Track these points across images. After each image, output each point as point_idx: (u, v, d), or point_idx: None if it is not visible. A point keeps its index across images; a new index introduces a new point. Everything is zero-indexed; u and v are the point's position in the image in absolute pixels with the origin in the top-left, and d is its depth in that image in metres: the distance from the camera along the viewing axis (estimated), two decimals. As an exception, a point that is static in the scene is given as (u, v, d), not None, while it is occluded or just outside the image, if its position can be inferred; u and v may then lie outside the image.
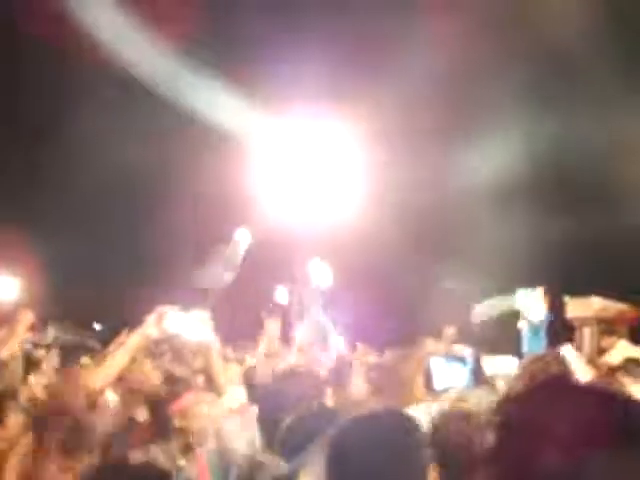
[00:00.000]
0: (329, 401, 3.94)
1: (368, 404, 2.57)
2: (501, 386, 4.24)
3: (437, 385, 2.70)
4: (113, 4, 11.78)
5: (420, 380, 2.63)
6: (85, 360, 6.19)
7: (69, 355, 6.63)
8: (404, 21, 11.81)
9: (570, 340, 7.55)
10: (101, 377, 3.90)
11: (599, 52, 10.97)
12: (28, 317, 4.93)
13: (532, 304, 10.14)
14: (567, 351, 5.02)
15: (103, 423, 3.87)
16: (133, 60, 11.98)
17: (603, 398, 1.39)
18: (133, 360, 3.95)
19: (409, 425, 2.17)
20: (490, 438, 1.56)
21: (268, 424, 3.76)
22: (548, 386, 1.49)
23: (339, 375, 4.83)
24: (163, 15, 11.68)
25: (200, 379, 4.48)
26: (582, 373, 4.79)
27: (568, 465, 1.28)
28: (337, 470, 2.08)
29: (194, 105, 12.15)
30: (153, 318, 3.95)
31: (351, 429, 2.16)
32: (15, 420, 4.13)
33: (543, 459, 1.30)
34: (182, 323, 4.00)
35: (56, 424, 3.33)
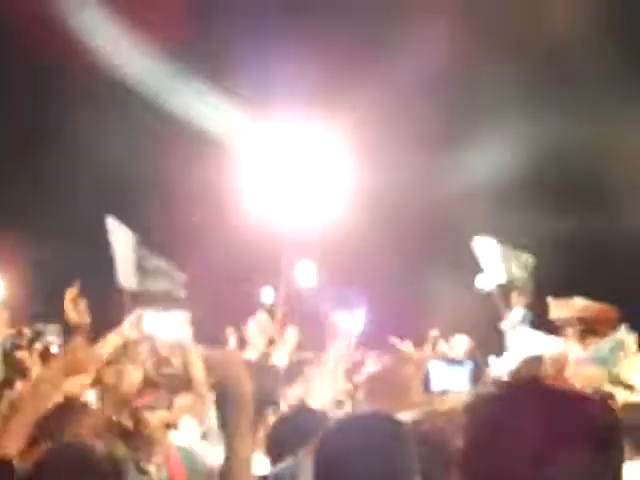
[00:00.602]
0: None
1: (363, 406, 2.57)
2: None
3: (435, 387, 2.70)
4: (102, 9, 11.77)
5: (418, 383, 2.62)
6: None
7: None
8: (395, 22, 11.82)
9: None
10: (78, 379, 3.89)
11: (598, 54, 11.00)
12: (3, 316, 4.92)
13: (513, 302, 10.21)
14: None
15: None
16: (121, 64, 11.97)
17: (576, 401, 1.38)
18: (110, 362, 3.94)
19: (398, 430, 2.16)
20: (461, 439, 1.56)
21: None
22: (520, 387, 1.48)
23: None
24: (150, 19, 11.66)
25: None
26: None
27: (537, 468, 1.27)
28: (325, 475, 2.08)
29: (182, 108, 12.15)
30: (130, 320, 3.95)
31: (339, 433, 2.15)
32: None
33: (513, 462, 1.30)
34: (159, 324, 4.00)
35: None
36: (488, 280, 9.80)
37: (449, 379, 2.76)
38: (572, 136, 11.26)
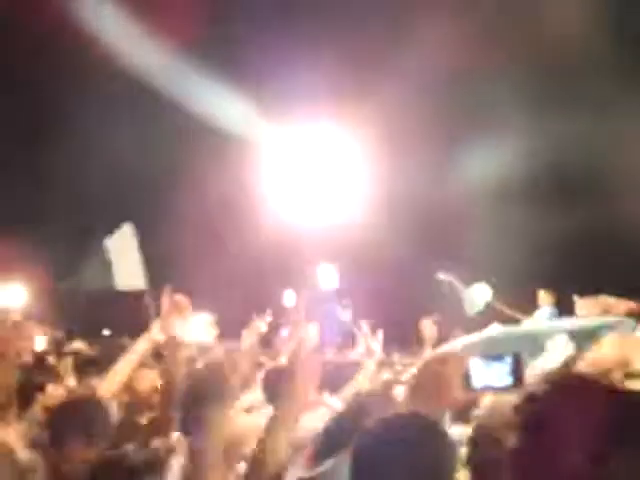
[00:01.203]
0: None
1: (404, 406, 2.55)
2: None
3: (476, 384, 2.67)
4: (120, 8, 11.81)
5: (458, 381, 2.60)
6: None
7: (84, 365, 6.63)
8: (408, 26, 11.81)
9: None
10: (108, 384, 3.89)
11: (599, 53, 10.94)
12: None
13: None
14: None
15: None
16: (139, 62, 12.01)
17: (623, 398, 1.35)
18: (141, 366, 3.94)
19: (439, 436, 2.13)
20: (512, 438, 1.54)
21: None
22: (567, 386, 1.45)
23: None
24: (169, 18, 11.70)
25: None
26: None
27: (592, 465, 1.25)
28: (358, 476, 2.06)
29: (201, 107, 12.16)
30: (159, 323, 3.94)
31: (377, 439, 2.14)
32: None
33: (567, 459, 1.27)
34: (185, 327, 3.99)
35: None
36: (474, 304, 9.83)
37: (490, 376, 2.73)
38: (576, 135, 11.22)
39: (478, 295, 9.92)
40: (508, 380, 2.75)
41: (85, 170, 13.08)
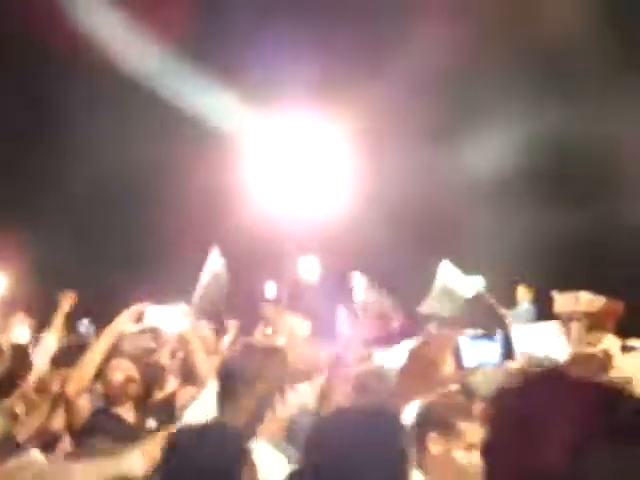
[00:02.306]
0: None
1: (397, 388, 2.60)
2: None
3: (467, 362, 2.68)
4: (107, 4, 11.74)
5: (449, 360, 2.63)
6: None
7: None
8: (398, 21, 11.80)
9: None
10: (76, 379, 3.85)
11: (598, 48, 10.96)
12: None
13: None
14: (553, 327, 5.05)
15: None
16: (126, 58, 11.94)
17: (603, 392, 1.34)
18: (108, 357, 3.92)
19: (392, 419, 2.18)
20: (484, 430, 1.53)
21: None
22: (544, 379, 1.44)
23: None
24: (157, 14, 11.63)
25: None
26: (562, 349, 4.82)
27: (567, 462, 1.24)
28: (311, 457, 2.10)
29: (185, 102, 12.12)
30: (126, 315, 3.93)
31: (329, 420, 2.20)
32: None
33: (541, 455, 1.26)
34: (161, 317, 3.98)
35: None
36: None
37: (481, 353, 2.74)
38: (573, 131, 11.24)
39: (470, 284, 9.85)
40: (499, 358, 2.77)
41: (65, 165, 13.00)
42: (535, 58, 11.90)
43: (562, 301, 6.61)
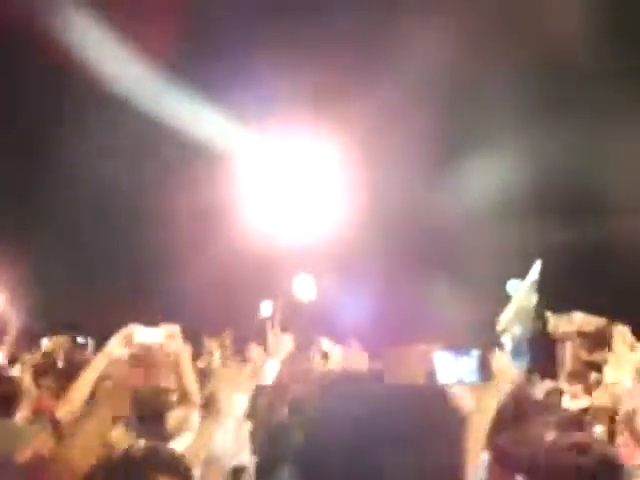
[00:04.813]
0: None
1: None
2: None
3: (441, 379, 2.63)
4: (96, 20, 11.77)
5: (423, 375, 2.59)
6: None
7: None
8: (392, 35, 11.80)
9: (552, 354, 7.54)
10: (67, 406, 3.81)
11: (608, 64, 10.94)
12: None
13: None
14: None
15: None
16: (117, 77, 11.97)
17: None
18: (101, 381, 3.88)
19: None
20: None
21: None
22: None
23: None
24: (147, 31, 11.66)
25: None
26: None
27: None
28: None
29: (179, 121, 12.13)
30: (117, 338, 3.90)
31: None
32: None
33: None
34: (150, 337, 3.96)
35: None
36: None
37: (457, 370, 2.69)
38: (577, 148, 11.22)
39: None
40: (475, 375, 2.69)
41: (61, 180, 12.99)
42: (539, 72, 11.89)
43: (556, 322, 6.64)
